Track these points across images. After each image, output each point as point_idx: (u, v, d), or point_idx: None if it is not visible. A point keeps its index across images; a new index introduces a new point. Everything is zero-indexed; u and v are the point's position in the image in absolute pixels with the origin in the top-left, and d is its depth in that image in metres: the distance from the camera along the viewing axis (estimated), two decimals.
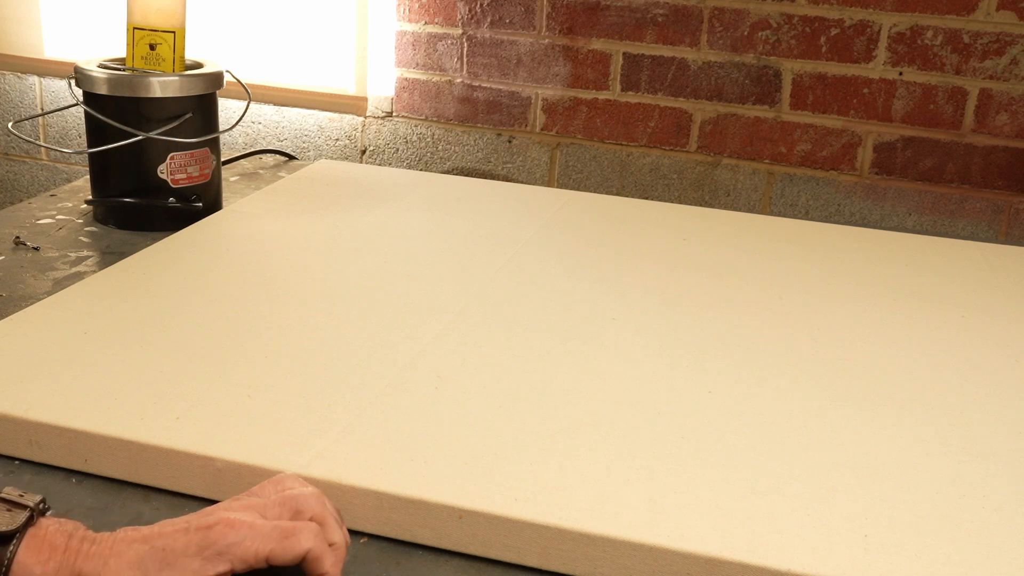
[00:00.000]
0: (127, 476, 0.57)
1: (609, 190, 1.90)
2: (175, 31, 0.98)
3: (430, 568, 0.52)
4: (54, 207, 1.04)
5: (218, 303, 0.77)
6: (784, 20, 1.73)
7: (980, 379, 0.72)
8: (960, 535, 0.53)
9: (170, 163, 0.97)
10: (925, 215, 1.78)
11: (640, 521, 0.52)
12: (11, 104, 2.16)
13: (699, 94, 1.81)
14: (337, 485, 0.54)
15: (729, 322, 0.80)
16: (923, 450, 0.61)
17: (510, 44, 1.87)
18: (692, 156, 1.85)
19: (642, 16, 1.79)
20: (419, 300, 0.80)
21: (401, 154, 1.98)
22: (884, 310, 0.85)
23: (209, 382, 0.64)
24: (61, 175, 2.20)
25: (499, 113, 1.91)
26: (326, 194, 1.09)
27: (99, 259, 0.90)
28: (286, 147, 2.02)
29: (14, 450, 0.59)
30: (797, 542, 0.51)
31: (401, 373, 0.67)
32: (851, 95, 1.74)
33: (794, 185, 1.81)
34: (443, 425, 0.60)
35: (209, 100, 1.00)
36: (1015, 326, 0.83)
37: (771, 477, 0.57)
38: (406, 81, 1.94)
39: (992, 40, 1.66)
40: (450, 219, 1.03)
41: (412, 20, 1.90)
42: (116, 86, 0.95)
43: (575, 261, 0.92)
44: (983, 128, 1.71)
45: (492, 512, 0.52)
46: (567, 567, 0.52)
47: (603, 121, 1.87)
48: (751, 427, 0.63)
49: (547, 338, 0.75)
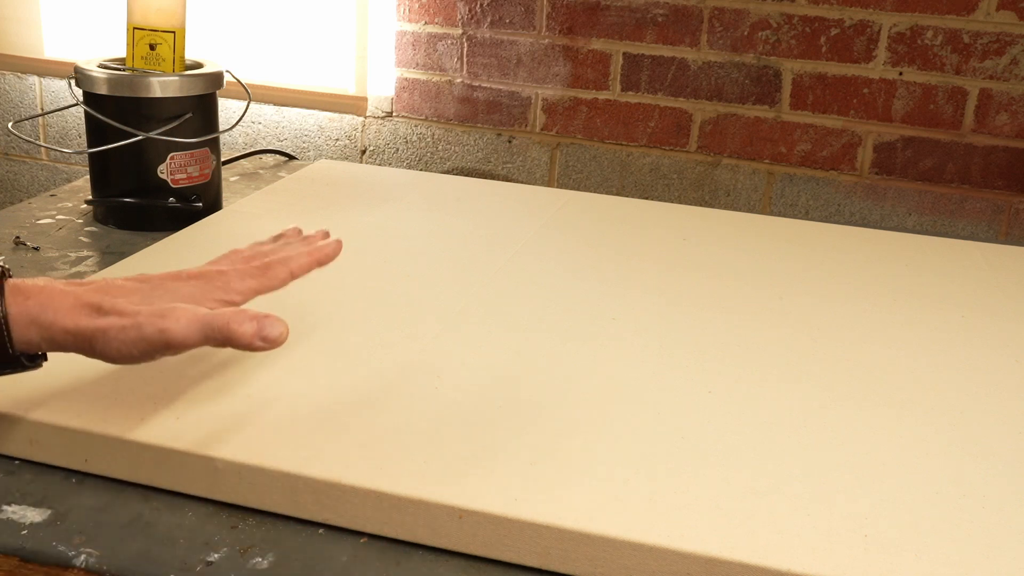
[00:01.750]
0: (127, 476, 0.57)
1: (609, 190, 1.90)
2: (175, 31, 0.98)
3: (430, 568, 0.52)
4: (54, 207, 1.04)
5: None
6: (784, 20, 1.73)
7: (980, 379, 0.72)
8: (960, 535, 0.53)
9: (170, 163, 0.97)
10: (925, 215, 1.78)
11: (640, 521, 0.52)
12: (11, 104, 2.17)
13: (699, 94, 1.81)
14: (337, 485, 0.54)
15: (729, 322, 0.80)
16: (923, 450, 0.61)
17: (510, 44, 1.87)
18: (692, 156, 1.85)
19: (642, 16, 1.79)
20: (419, 300, 0.80)
21: (401, 154, 1.98)
22: (884, 310, 0.85)
23: (209, 382, 0.64)
24: (61, 175, 2.20)
25: (499, 113, 1.91)
26: (326, 194, 1.09)
27: (99, 259, 0.90)
28: (286, 147, 2.02)
29: (14, 450, 0.59)
30: (797, 542, 0.51)
31: (401, 373, 0.67)
32: (851, 95, 1.74)
33: (794, 185, 1.81)
34: (443, 425, 0.60)
35: (209, 100, 1.00)
36: (1015, 326, 0.83)
37: (771, 477, 0.57)
38: (406, 81, 1.94)
39: (992, 40, 1.66)
40: (450, 219, 1.03)
41: (412, 20, 1.90)
42: (116, 86, 0.95)
43: (575, 261, 0.92)
44: (983, 128, 1.71)
45: (492, 512, 0.52)
46: (567, 567, 0.52)
47: (603, 121, 1.87)
48: (751, 427, 0.63)
49: (547, 338, 0.75)
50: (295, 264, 0.58)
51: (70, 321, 0.52)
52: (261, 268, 0.57)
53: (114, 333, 0.52)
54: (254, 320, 0.51)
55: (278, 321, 0.52)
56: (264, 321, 0.51)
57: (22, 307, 0.52)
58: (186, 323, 0.52)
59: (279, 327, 0.52)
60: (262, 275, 0.57)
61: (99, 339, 0.52)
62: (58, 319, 0.52)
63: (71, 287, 0.54)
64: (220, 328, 0.51)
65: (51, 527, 0.53)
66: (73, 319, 0.52)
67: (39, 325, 0.52)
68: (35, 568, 0.51)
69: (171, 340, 0.52)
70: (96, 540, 0.52)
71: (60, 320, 0.52)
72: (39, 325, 0.52)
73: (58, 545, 0.52)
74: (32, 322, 0.52)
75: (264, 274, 0.57)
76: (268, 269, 0.57)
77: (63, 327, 0.52)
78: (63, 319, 0.52)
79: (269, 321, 0.51)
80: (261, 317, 0.52)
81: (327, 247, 0.60)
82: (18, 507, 0.54)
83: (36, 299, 0.52)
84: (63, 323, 0.52)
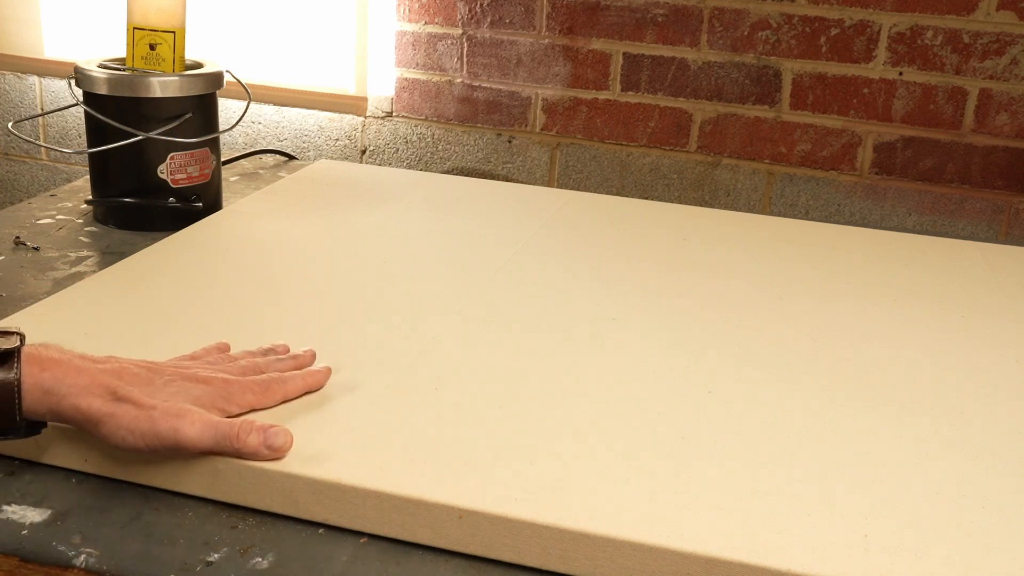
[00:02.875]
0: (127, 476, 0.57)
1: (609, 190, 1.90)
2: (175, 31, 0.98)
3: (430, 568, 0.52)
4: (54, 207, 1.04)
5: (218, 303, 0.77)
6: (784, 20, 1.73)
7: (980, 379, 0.72)
8: (960, 535, 0.53)
9: (170, 163, 0.97)
10: (925, 215, 1.78)
11: (640, 521, 0.52)
12: (11, 104, 2.16)
13: (699, 94, 1.81)
14: (337, 485, 0.54)
15: (729, 322, 0.80)
16: (923, 450, 0.61)
17: (510, 44, 1.87)
18: (692, 156, 1.85)
19: (642, 16, 1.79)
20: (419, 300, 0.80)
21: (401, 154, 1.98)
22: (884, 310, 0.85)
23: None
24: (61, 175, 2.20)
25: (499, 113, 1.91)
26: (326, 194, 1.09)
27: (99, 259, 0.90)
28: (286, 147, 2.02)
29: (14, 450, 0.59)
30: (797, 542, 0.51)
31: (401, 373, 0.67)
32: (851, 95, 1.74)
33: (794, 185, 1.81)
34: (443, 425, 0.60)
35: (209, 100, 1.00)
36: (1015, 326, 0.83)
37: (771, 477, 0.57)
38: (406, 81, 1.94)
39: (992, 40, 1.66)
40: (450, 219, 1.03)
41: (412, 20, 1.90)
42: (116, 86, 0.95)
43: (575, 261, 0.92)
44: (983, 128, 1.71)
45: (492, 512, 0.52)
46: (567, 567, 0.52)
47: (603, 121, 1.87)
48: (751, 427, 0.63)
49: (547, 338, 0.75)
50: (290, 387, 0.62)
51: (83, 401, 0.53)
52: (262, 386, 0.61)
53: (125, 421, 0.53)
54: (261, 432, 0.55)
55: (282, 431, 0.55)
56: (269, 432, 0.55)
57: (37, 378, 0.53)
58: (200, 428, 0.54)
59: (283, 437, 0.55)
60: (262, 393, 0.60)
61: (108, 424, 0.53)
62: (71, 396, 0.53)
63: (86, 363, 0.55)
64: (231, 438, 0.54)
65: (51, 527, 0.53)
66: (87, 400, 0.53)
67: (51, 398, 0.53)
68: (35, 568, 0.51)
69: (183, 441, 0.54)
70: (96, 540, 0.52)
71: (72, 398, 0.53)
72: (51, 398, 0.53)
73: (58, 545, 0.52)
74: (45, 393, 0.53)
75: (263, 392, 0.60)
76: (268, 390, 0.61)
77: (74, 404, 0.53)
78: (76, 397, 0.53)
79: (273, 432, 0.55)
80: (267, 428, 0.55)
81: (319, 374, 0.64)
82: (18, 507, 0.54)
83: (52, 372, 0.53)
84: (75, 401, 0.53)
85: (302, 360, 0.66)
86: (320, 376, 0.64)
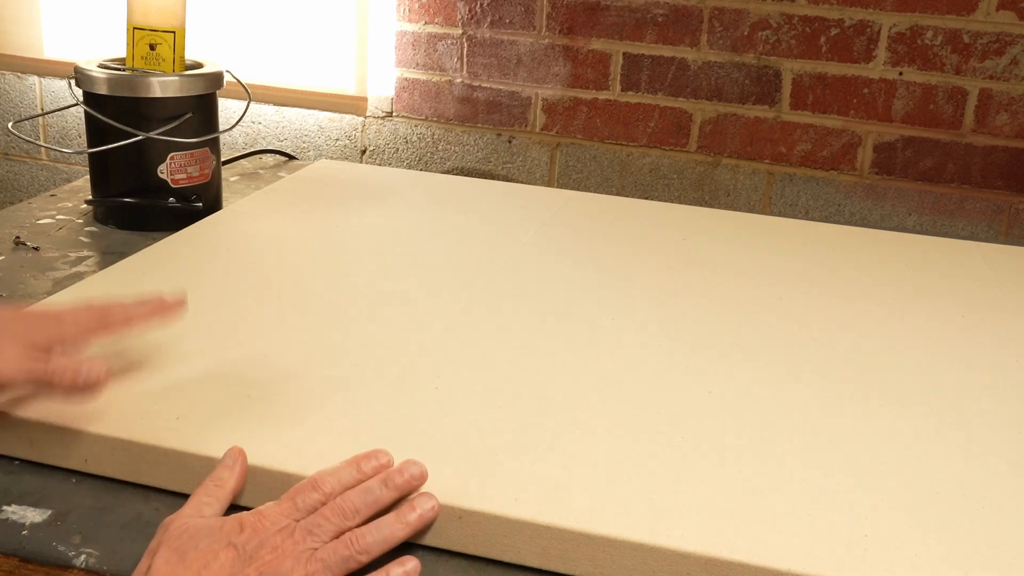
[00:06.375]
0: (127, 476, 0.57)
1: (609, 190, 1.90)
2: (175, 31, 0.98)
3: (430, 568, 0.52)
4: (54, 207, 1.04)
5: (218, 303, 0.77)
6: (784, 20, 1.73)
7: (981, 378, 0.72)
8: (960, 535, 0.53)
9: (170, 163, 0.97)
10: (925, 215, 1.78)
11: (640, 521, 0.52)
12: (11, 104, 2.16)
13: (699, 94, 1.81)
14: None
15: (729, 322, 0.80)
16: (923, 450, 0.61)
17: (510, 44, 1.87)
18: (692, 156, 1.85)
19: (642, 16, 1.79)
20: (419, 300, 0.80)
21: (401, 154, 1.98)
22: (884, 310, 0.85)
23: (209, 382, 0.64)
24: (61, 175, 2.20)
25: (499, 113, 1.91)
26: (326, 194, 1.09)
27: (99, 259, 0.90)
28: (286, 147, 2.02)
29: (14, 450, 0.59)
30: (797, 542, 0.51)
31: (401, 373, 0.67)
32: (851, 95, 1.74)
33: (794, 185, 1.81)
34: (443, 425, 0.60)
35: (209, 100, 1.00)
36: (1015, 326, 0.83)
37: (771, 477, 0.57)
38: (406, 81, 1.94)
39: (992, 40, 1.66)
40: (450, 219, 1.03)
41: (412, 20, 1.90)
42: (116, 86, 0.95)
43: (575, 261, 0.92)
44: (983, 128, 1.71)
45: (492, 512, 0.52)
46: (567, 567, 0.52)
47: (603, 121, 1.87)
48: (751, 427, 0.63)
49: (547, 338, 0.75)
50: (133, 311, 0.60)
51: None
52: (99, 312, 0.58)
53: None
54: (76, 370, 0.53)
55: (98, 363, 0.54)
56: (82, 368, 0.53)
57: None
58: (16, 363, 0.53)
59: (97, 369, 0.54)
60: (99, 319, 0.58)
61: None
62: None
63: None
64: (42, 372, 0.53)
65: (51, 527, 0.53)
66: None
67: None
68: (35, 568, 0.51)
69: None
70: (96, 540, 0.52)
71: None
72: None
73: (58, 545, 0.52)
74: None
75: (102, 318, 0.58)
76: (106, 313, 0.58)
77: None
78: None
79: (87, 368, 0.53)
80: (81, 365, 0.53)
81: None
82: (18, 507, 0.54)
83: None
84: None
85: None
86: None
